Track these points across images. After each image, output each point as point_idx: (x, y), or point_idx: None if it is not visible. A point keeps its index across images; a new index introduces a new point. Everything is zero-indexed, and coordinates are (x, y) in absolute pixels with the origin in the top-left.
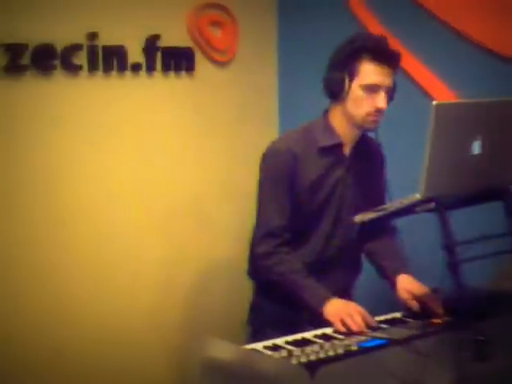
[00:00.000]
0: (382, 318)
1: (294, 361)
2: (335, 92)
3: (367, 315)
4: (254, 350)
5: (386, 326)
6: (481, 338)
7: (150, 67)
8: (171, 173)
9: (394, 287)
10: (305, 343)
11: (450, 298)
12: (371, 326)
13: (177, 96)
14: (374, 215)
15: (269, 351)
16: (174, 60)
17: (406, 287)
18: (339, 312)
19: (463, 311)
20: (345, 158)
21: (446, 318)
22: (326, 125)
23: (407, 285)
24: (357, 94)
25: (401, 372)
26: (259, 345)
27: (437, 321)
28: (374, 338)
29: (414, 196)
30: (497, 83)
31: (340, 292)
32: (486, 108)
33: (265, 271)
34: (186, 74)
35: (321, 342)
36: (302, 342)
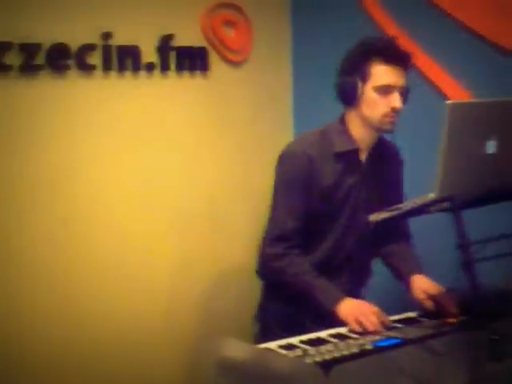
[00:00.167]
0: (396, 317)
1: (309, 360)
2: (349, 97)
3: (382, 314)
4: (268, 349)
5: (400, 325)
6: (495, 338)
7: (164, 67)
8: (185, 173)
9: (408, 288)
10: (319, 342)
11: (465, 297)
12: (386, 325)
13: (191, 96)
14: (389, 215)
15: (283, 350)
16: (188, 60)
17: (421, 287)
18: (354, 312)
19: (478, 311)
20: (361, 163)
21: (461, 318)
22: (343, 129)
23: (422, 284)
24: (371, 96)
25: (415, 371)
26: (273, 344)
27: (451, 320)
28: (388, 337)
29: (428, 196)
30: None
31: (349, 297)
32: (500, 108)
33: (275, 273)
34: (200, 74)
35: (335, 341)
36: (317, 341)
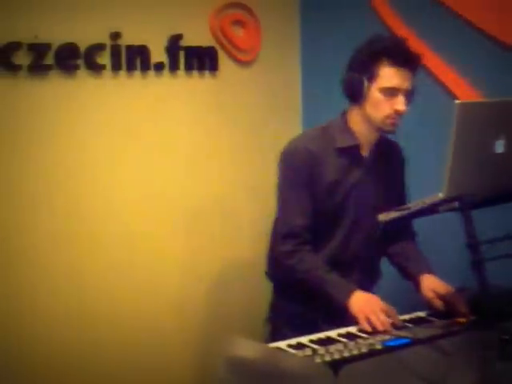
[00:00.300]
0: (406, 317)
1: (318, 359)
2: (354, 94)
3: (391, 311)
4: (278, 348)
5: (410, 325)
6: (505, 338)
7: (173, 67)
8: (194, 173)
9: (417, 287)
10: (329, 342)
11: (475, 297)
12: (396, 323)
13: (200, 95)
14: (398, 214)
15: (293, 350)
16: (196, 59)
17: (430, 286)
18: (364, 308)
19: (488, 310)
20: (363, 159)
21: (471, 318)
22: (344, 126)
23: (431, 284)
24: (376, 97)
25: (425, 371)
26: (283, 343)
27: (461, 320)
28: (398, 336)
29: (437, 195)
30: None
31: None
32: (509, 107)
33: (288, 270)
34: (208, 74)
35: (345, 340)
36: (326, 341)
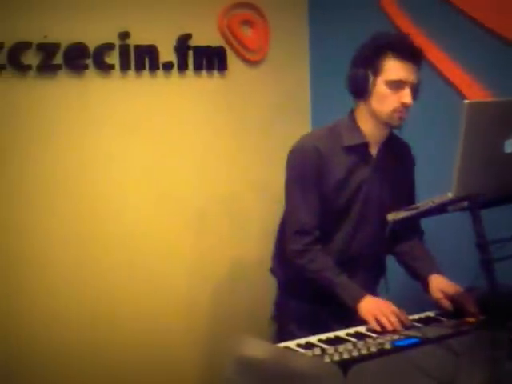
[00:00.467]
0: (415, 316)
1: (327, 359)
2: (360, 89)
3: (401, 313)
4: (287, 348)
5: (419, 324)
6: None
7: (182, 66)
8: (203, 172)
9: (425, 287)
10: (338, 341)
11: (484, 297)
12: (405, 324)
13: (209, 95)
14: (407, 214)
15: (302, 349)
16: (205, 59)
17: (439, 287)
18: (373, 310)
19: (497, 310)
20: (371, 157)
21: (480, 317)
22: (352, 124)
23: (440, 284)
24: (382, 90)
25: (434, 371)
26: (292, 343)
27: (471, 320)
28: (407, 336)
29: (446, 195)
30: None
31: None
32: None
33: (298, 269)
34: (217, 74)
35: (354, 340)
36: (336, 341)
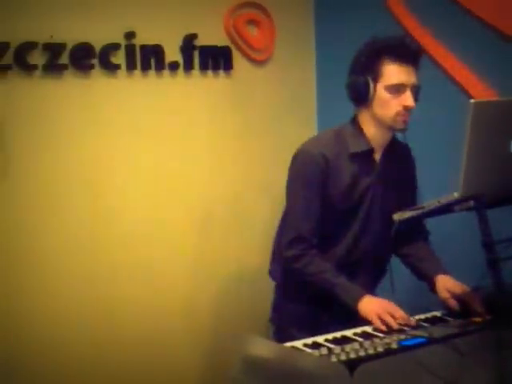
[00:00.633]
0: (422, 316)
1: (334, 359)
2: (361, 97)
3: (403, 312)
4: (293, 347)
5: (426, 324)
6: None
7: (188, 66)
8: (208, 172)
9: (432, 288)
10: (345, 341)
11: (491, 296)
12: (407, 322)
13: (214, 95)
14: (413, 214)
15: (309, 349)
16: (211, 59)
17: (445, 286)
18: (376, 309)
19: (504, 310)
20: (375, 163)
21: (487, 317)
22: (357, 130)
23: (447, 284)
24: (383, 95)
25: (441, 370)
26: (299, 342)
27: (477, 319)
28: (414, 336)
29: (452, 195)
30: None
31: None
32: None
33: (296, 273)
34: (223, 73)
35: (361, 340)
36: (342, 340)
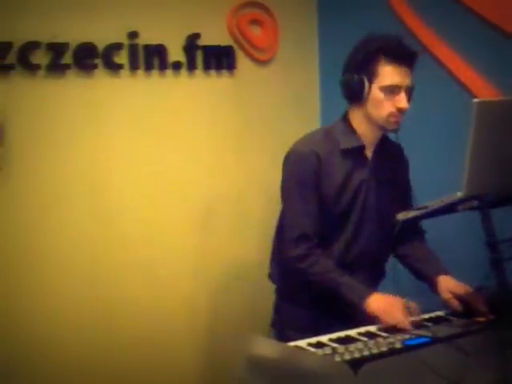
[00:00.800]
0: (425, 316)
1: (338, 358)
2: (355, 95)
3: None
4: (297, 347)
5: (429, 324)
6: None
7: (191, 66)
8: (211, 172)
9: (433, 288)
10: (349, 341)
11: (494, 296)
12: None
13: (217, 95)
14: (417, 213)
15: (313, 348)
16: (214, 59)
17: (447, 287)
18: (385, 306)
19: (507, 309)
20: (367, 160)
21: (490, 317)
22: (347, 127)
23: (449, 285)
24: (377, 96)
25: (445, 370)
26: (303, 342)
27: (481, 319)
28: (417, 335)
29: (455, 194)
30: None
31: None
32: None
33: (300, 273)
34: (226, 73)
35: (364, 339)
36: (346, 340)
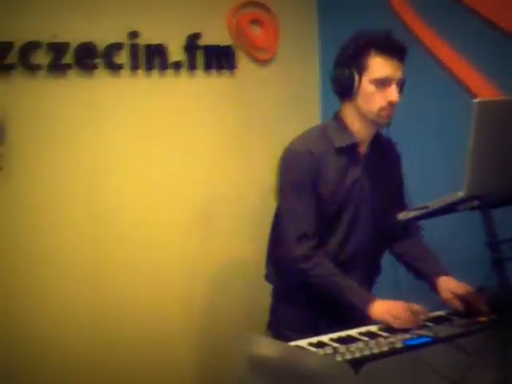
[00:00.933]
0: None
1: (339, 358)
2: (346, 90)
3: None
4: (298, 346)
5: (430, 323)
6: None
7: (191, 66)
8: (211, 172)
9: (433, 288)
10: (350, 340)
11: (495, 296)
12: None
13: (218, 94)
14: (417, 213)
15: (314, 348)
16: (215, 58)
17: (448, 287)
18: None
19: (508, 309)
20: (361, 157)
21: (491, 316)
22: (340, 124)
23: (449, 285)
24: (368, 89)
25: (445, 370)
26: (304, 342)
27: (482, 319)
28: (419, 335)
29: (456, 194)
30: None
31: None
32: None
33: (301, 274)
34: (227, 73)
35: (366, 339)
36: (347, 339)
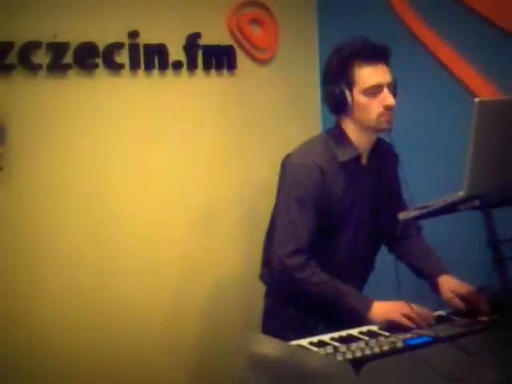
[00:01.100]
0: None
1: (340, 357)
2: (340, 107)
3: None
4: (299, 346)
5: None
6: None
7: (191, 65)
8: (212, 172)
9: (434, 288)
10: (350, 340)
11: (497, 295)
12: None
13: (218, 94)
14: (417, 213)
15: (314, 347)
16: (215, 58)
17: (449, 287)
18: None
19: (510, 309)
20: (363, 168)
21: (493, 316)
22: (342, 137)
23: (450, 284)
24: (361, 100)
25: (446, 369)
26: (305, 341)
27: (483, 319)
28: (419, 335)
29: (457, 194)
30: None
31: None
32: None
33: (297, 283)
34: (226, 73)
35: (366, 338)
36: (348, 339)
